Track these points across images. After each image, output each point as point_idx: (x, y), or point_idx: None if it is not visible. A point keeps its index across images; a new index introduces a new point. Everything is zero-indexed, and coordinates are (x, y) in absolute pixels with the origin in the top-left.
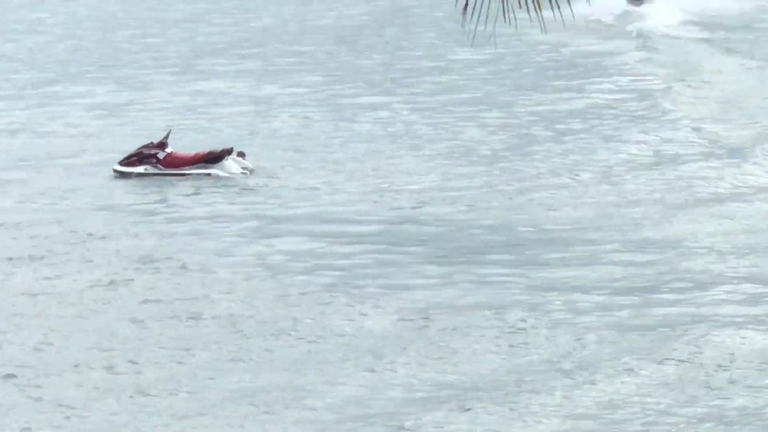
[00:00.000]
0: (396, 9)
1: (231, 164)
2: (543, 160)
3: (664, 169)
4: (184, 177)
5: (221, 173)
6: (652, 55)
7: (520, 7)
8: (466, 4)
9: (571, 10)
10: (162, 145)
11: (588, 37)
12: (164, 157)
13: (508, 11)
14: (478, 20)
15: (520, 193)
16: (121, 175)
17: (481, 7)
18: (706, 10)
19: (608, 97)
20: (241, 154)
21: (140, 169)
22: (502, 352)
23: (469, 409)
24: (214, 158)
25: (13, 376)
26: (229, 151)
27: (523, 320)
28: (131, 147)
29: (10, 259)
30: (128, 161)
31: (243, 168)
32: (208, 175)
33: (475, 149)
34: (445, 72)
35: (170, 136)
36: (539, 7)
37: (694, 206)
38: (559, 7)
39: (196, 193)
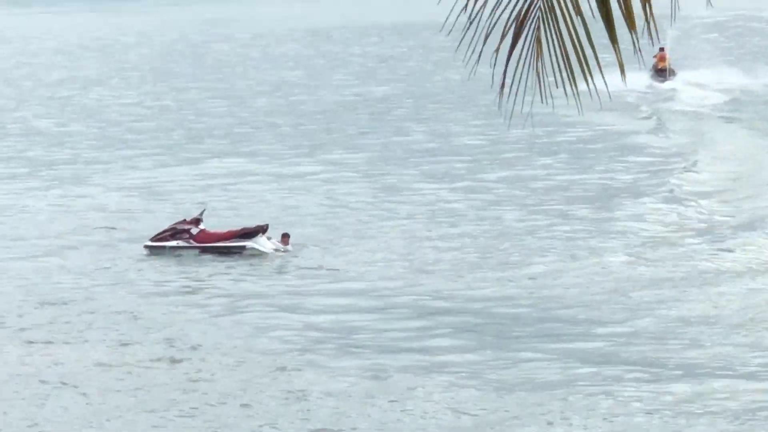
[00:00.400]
0: (431, 87)
1: (265, 241)
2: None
3: (670, 247)
4: (217, 252)
5: (256, 246)
6: (670, 134)
7: (557, 87)
8: (503, 84)
9: (608, 90)
10: (196, 221)
11: (612, 114)
12: (197, 233)
13: (544, 91)
14: (515, 100)
15: (554, 273)
16: (152, 250)
17: (518, 86)
18: (729, 87)
19: (624, 176)
20: (286, 236)
21: (172, 243)
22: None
23: None
24: (248, 234)
25: None
26: (263, 228)
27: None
28: (164, 224)
29: (40, 334)
30: (160, 237)
31: (276, 246)
32: (242, 249)
33: (505, 226)
34: (479, 150)
35: (204, 213)
36: (576, 88)
37: (701, 283)
38: (596, 87)
39: (228, 269)
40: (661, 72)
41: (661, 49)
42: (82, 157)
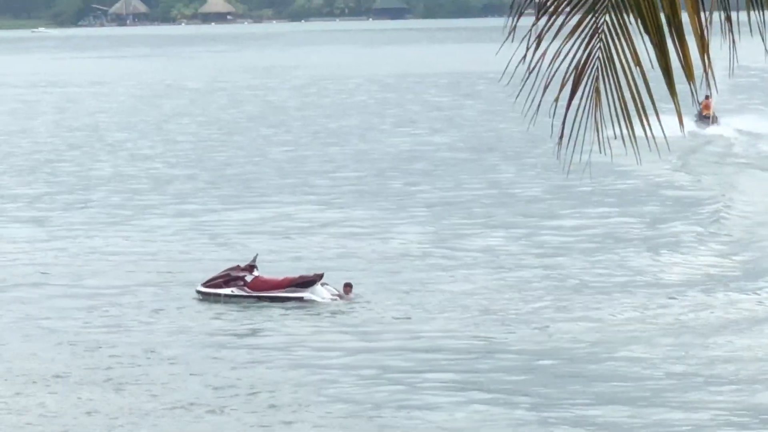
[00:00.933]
0: (488, 136)
1: (322, 290)
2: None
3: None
4: (274, 301)
5: (313, 297)
6: (705, 181)
7: (615, 138)
8: (562, 134)
9: (666, 141)
10: (251, 268)
11: (653, 162)
12: (252, 280)
13: (603, 142)
14: (573, 149)
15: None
16: (205, 296)
17: (577, 136)
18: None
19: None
20: (348, 286)
21: (227, 290)
22: None
23: None
24: (305, 283)
25: None
26: (320, 276)
27: None
28: (217, 269)
29: (85, 375)
30: (214, 283)
31: (333, 294)
32: (300, 299)
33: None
34: (535, 198)
35: (257, 259)
36: (635, 138)
37: (718, 333)
38: (654, 137)
39: (285, 318)
40: (704, 119)
41: (707, 97)
42: (134, 200)
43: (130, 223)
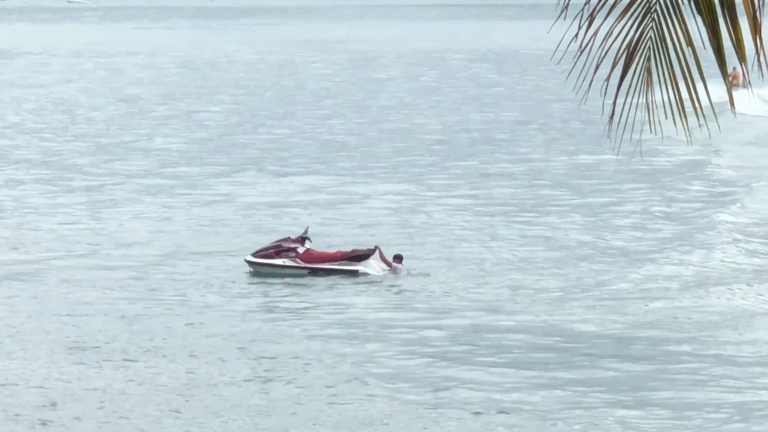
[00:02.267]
0: (539, 114)
1: (375, 264)
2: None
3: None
4: (327, 273)
5: (368, 270)
6: (738, 165)
7: (666, 117)
8: (613, 113)
9: (717, 122)
10: (302, 239)
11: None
12: (304, 252)
13: (654, 121)
14: (623, 129)
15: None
16: (255, 266)
17: (627, 117)
18: None
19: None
20: (398, 258)
21: (278, 261)
22: None
23: None
24: (358, 257)
25: None
26: (373, 251)
27: None
28: (261, 242)
29: (131, 348)
30: (265, 253)
31: (385, 269)
32: (354, 272)
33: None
34: (585, 177)
35: (308, 231)
36: (685, 118)
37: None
38: (705, 118)
39: (339, 291)
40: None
41: (734, 69)
42: (182, 171)
43: (177, 194)
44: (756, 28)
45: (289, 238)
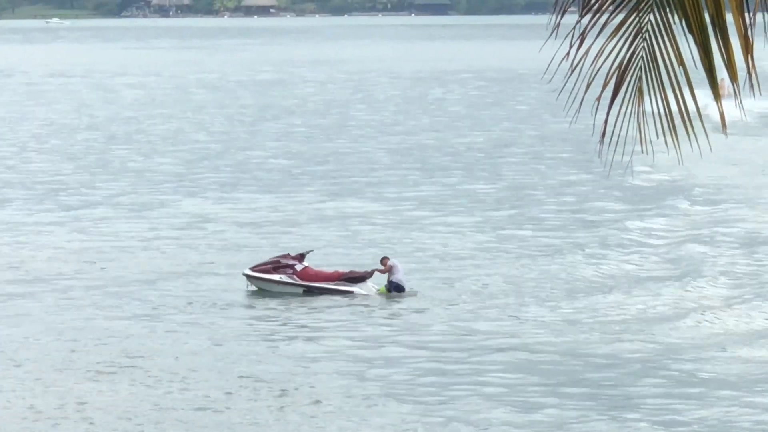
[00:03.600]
0: (530, 133)
1: (371, 286)
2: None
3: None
4: (323, 292)
5: (364, 293)
6: (725, 186)
7: (657, 137)
8: (604, 132)
9: (708, 142)
10: (301, 256)
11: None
12: (301, 270)
13: (645, 141)
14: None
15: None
16: (253, 280)
17: (618, 136)
18: None
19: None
20: (386, 259)
21: (275, 277)
22: None
23: None
24: (355, 278)
25: None
26: (371, 274)
27: None
28: (257, 258)
29: (125, 370)
30: (262, 268)
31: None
32: (350, 293)
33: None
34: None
35: (310, 254)
36: (676, 138)
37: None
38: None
39: (334, 310)
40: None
41: (721, 80)
42: (172, 190)
43: (167, 212)
44: (747, 48)
45: (288, 254)
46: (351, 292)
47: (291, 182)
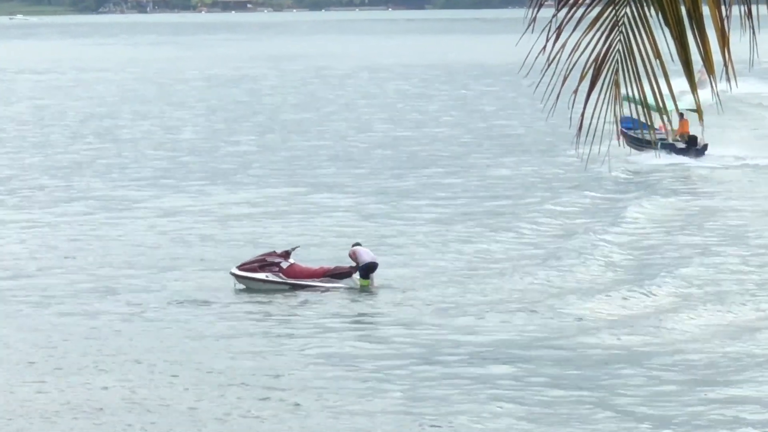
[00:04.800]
0: (509, 128)
1: (356, 282)
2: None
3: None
4: (309, 289)
5: (349, 287)
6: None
7: (634, 131)
8: (581, 126)
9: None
10: (286, 254)
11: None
12: (287, 267)
13: (620, 133)
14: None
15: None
16: (240, 279)
17: (595, 130)
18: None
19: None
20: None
21: (261, 276)
22: None
23: None
24: (340, 274)
25: None
26: (355, 269)
27: None
28: (250, 253)
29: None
30: (249, 267)
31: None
32: (336, 289)
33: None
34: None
35: (296, 250)
36: (653, 132)
37: None
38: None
39: (320, 305)
40: (683, 145)
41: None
42: (165, 184)
43: (147, 208)
44: (724, 41)
45: (274, 252)
46: (337, 288)
47: (269, 177)
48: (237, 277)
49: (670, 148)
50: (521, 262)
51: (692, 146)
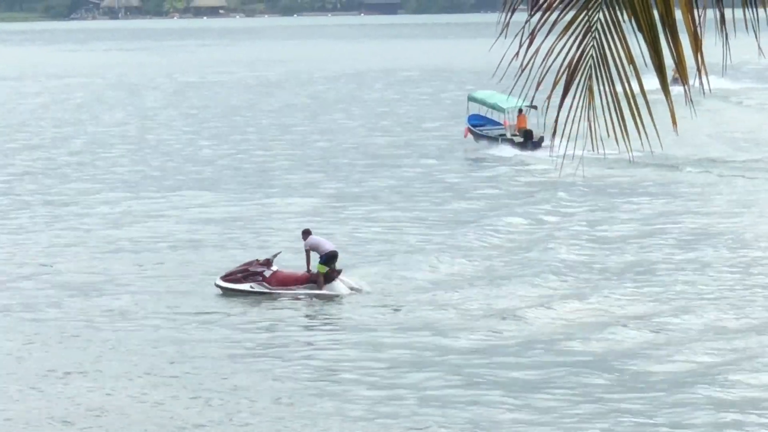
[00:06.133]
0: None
1: (340, 285)
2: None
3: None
4: (293, 297)
5: (333, 293)
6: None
7: (608, 136)
8: (554, 131)
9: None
10: (268, 262)
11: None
12: (271, 275)
13: (595, 139)
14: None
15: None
16: (224, 291)
17: (569, 135)
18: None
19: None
20: (306, 232)
21: (246, 286)
22: None
23: None
24: (324, 279)
25: None
26: (339, 272)
27: None
28: (235, 261)
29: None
30: (232, 277)
31: (353, 288)
32: (320, 295)
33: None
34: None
35: (277, 256)
36: (627, 137)
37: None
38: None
39: (305, 314)
40: (524, 140)
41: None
42: (149, 190)
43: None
44: (697, 46)
45: (256, 261)
46: (320, 294)
47: (243, 182)
48: (222, 288)
49: (510, 142)
50: (493, 270)
51: (528, 140)
